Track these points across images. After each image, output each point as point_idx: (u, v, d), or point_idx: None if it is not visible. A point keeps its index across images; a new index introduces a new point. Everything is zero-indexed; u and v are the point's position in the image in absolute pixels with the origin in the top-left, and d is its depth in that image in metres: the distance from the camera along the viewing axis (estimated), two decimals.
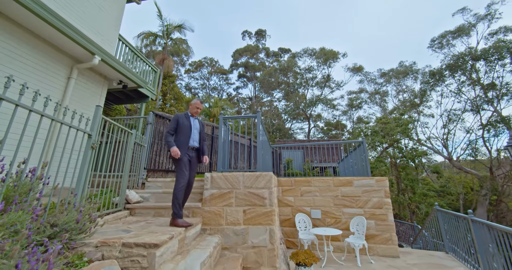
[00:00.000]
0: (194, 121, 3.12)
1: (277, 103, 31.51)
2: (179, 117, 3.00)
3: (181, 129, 2.95)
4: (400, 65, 19.99)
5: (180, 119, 2.99)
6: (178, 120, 2.97)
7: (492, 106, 13.76)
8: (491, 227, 3.27)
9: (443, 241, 5.38)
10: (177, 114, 3.03)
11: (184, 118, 3.02)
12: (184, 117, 3.03)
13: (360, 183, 5.35)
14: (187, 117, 3.06)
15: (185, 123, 2.98)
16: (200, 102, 3.15)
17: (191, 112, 3.12)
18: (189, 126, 3.00)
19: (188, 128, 2.98)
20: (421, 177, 15.37)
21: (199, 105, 3.14)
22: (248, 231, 3.10)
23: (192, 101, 3.13)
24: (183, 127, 2.96)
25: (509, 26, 14.23)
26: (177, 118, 2.99)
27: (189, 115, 3.11)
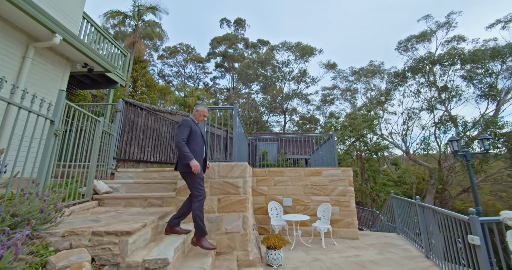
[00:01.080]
0: (201, 128, 2.94)
1: (255, 95, 31.54)
2: (190, 123, 2.68)
3: (194, 138, 2.66)
4: (370, 65, 21.33)
5: (193, 126, 2.68)
6: (191, 127, 2.65)
7: (444, 106, 15.62)
8: (434, 210, 3.84)
9: (396, 224, 6.14)
10: (187, 120, 2.71)
11: (194, 125, 2.72)
12: (194, 124, 2.73)
13: (328, 173, 5.78)
14: (196, 124, 2.78)
15: (197, 130, 2.71)
16: (207, 110, 2.94)
17: (196, 119, 2.85)
18: (201, 135, 2.77)
19: (200, 136, 2.74)
20: (382, 168, 17.03)
21: (206, 113, 2.91)
22: (222, 218, 3.22)
23: (199, 108, 2.86)
24: (196, 136, 2.68)
25: (461, 35, 16.05)
26: (190, 124, 2.66)
27: (196, 122, 2.84)
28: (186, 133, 2.59)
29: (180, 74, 32.00)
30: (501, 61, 14.04)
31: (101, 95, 7.94)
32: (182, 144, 2.52)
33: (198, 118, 2.86)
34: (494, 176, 14.22)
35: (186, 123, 2.65)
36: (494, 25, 15.95)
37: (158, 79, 30.00)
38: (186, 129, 2.61)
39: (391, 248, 4.57)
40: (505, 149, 12.54)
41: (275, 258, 3.58)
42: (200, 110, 2.86)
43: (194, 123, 2.77)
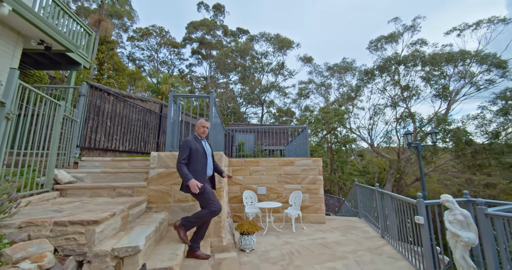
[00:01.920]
0: (206, 144, 2.86)
1: (233, 86, 31.02)
2: (190, 142, 2.64)
3: (196, 157, 2.62)
4: (343, 62, 22.27)
5: (192, 145, 2.64)
6: (190, 147, 2.62)
7: (405, 103, 17.18)
8: (390, 196, 4.30)
9: (358, 209, 6.76)
10: (187, 140, 2.67)
11: (195, 143, 2.69)
12: (195, 142, 2.70)
13: (300, 163, 6.09)
14: (198, 141, 2.75)
15: (198, 148, 2.67)
16: (205, 120, 2.87)
17: (198, 134, 2.82)
18: (204, 152, 2.71)
19: (203, 154, 2.69)
20: (349, 159, 18.35)
21: (205, 124, 2.84)
22: (196, 206, 3.25)
23: (197, 123, 2.83)
24: (197, 154, 2.64)
25: (424, 39, 17.54)
26: (189, 144, 2.62)
27: (199, 138, 2.80)
28: (185, 154, 2.58)
29: (152, 59, 29.95)
30: (453, 65, 15.73)
31: (61, 77, 7.13)
32: (180, 166, 2.53)
33: (199, 132, 2.82)
34: (441, 166, 16.28)
35: (185, 144, 2.63)
36: (451, 32, 17.67)
37: (127, 62, 27.77)
38: (184, 150, 2.60)
39: (353, 230, 5.07)
40: (452, 144, 14.37)
41: (248, 243, 3.75)
42: (198, 124, 2.82)
43: (196, 141, 2.75)
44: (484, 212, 2.27)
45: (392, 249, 3.88)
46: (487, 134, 13.97)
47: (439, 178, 17.94)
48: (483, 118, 14.38)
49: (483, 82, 15.25)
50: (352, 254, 3.62)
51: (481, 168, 13.98)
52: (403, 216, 3.62)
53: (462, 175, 16.30)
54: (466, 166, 14.53)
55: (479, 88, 15.36)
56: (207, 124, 2.87)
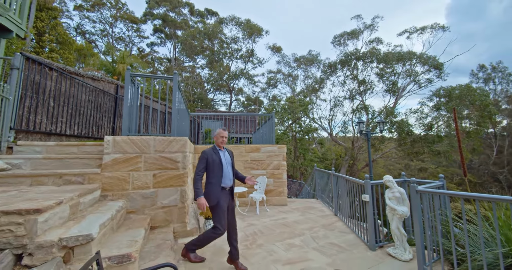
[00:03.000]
0: (224, 154, 2.77)
1: (200, 70, 29.56)
2: (207, 154, 2.62)
3: (212, 169, 2.59)
4: (309, 54, 23.02)
5: (209, 157, 2.61)
6: (207, 158, 2.60)
7: (361, 97, 18.88)
8: (343, 178, 4.79)
9: (316, 192, 7.39)
10: (205, 151, 2.65)
11: (213, 154, 2.65)
12: (212, 153, 2.66)
13: (266, 149, 6.28)
14: (216, 152, 2.70)
15: (215, 159, 2.62)
16: (223, 130, 2.78)
17: (217, 144, 2.77)
18: (220, 163, 2.64)
19: (219, 165, 2.62)
20: (311, 147, 19.66)
21: (223, 133, 2.77)
22: (158, 193, 3.14)
23: (215, 133, 2.78)
24: (214, 166, 2.60)
25: (380, 38, 19.15)
26: (206, 156, 2.61)
27: (217, 148, 2.75)
28: (201, 166, 2.58)
29: (106, 33, 26.35)
30: (402, 64, 17.68)
31: None
32: (195, 179, 2.54)
33: (218, 142, 2.78)
34: (387, 153, 18.68)
35: (202, 156, 2.63)
36: (402, 33, 19.61)
37: (75, 36, 23.91)
38: (201, 161, 2.61)
39: (311, 210, 5.55)
40: (396, 134, 16.50)
41: None
42: (217, 134, 2.78)
43: (214, 151, 2.70)
44: (415, 189, 2.72)
45: (343, 225, 4.39)
46: (424, 126, 16.40)
47: (385, 163, 20.60)
48: (421, 112, 16.78)
49: (424, 80, 17.59)
50: (309, 231, 3.99)
51: (417, 155, 16.48)
52: (353, 196, 4.10)
53: (402, 161, 19.02)
54: (406, 153, 16.95)
55: (421, 86, 17.70)
56: (225, 133, 2.80)
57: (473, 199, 2.28)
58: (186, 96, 25.42)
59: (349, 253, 3.10)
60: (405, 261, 2.86)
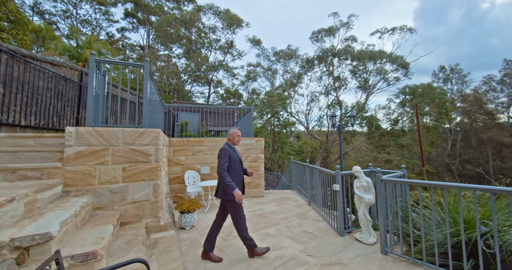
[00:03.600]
0: (238, 153, 2.93)
1: (177, 60, 28.20)
2: (228, 151, 2.72)
3: (233, 166, 2.72)
4: (288, 48, 23.20)
5: (231, 154, 2.73)
6: (230, 155, 2.70)
7: (336, 92, 19.67)
8: (317, 170, 5.01)
9: (292, 183, 7.64)
10: (225, 149, 2.74)
11: (232, 151, 2.77)
12: (231, 150, 2.78)
13: (245, 142, 6.29)
14: (234, 150, 2.83)
15: (235, 157, 2.78)
16: (238, 129, 2.94)
17: (233, 143, 2.91)
18: (239, 161, 2.83)
19: (238, 162, 2.80)
20: (288, 140, 20.17)
21: (239, 133, 2.94)
22: (128, 188, 2.98)
23: (230, 132, 2.93)
24: (235, 163, 2.74)
25: (354, 36, 19.97)
26: (228, 153, 2.71)
27: (233, 146, 2.88)
28: (226, 163, 2.64)
29: (69, 15, 23.65)
30: (373, 63, 18.70)
31: None
32: (224, 174, 2.58)
33: (234, 141, 2.91)
34: (357, 146, 19.92)
35: (224, 152, 2.69)
36: (374, 33, 20.61)
37: (31, 15, 21.06)
38: (225, 158, 2.66)
39: (287, 200, 5.74)
40: (366, 128, 17.61)
41: (188, 221, 3.76)
42: (233, 133, 2.91)
43: (232, 149, 2.80)
44: (380, 179, 2.94)
45: (315, 214, 4.62)
46: (391, 121, 17.72)
47: (355, 156, 21.97)
48: (389, 108, 18.09)
49: (392, 79, 18.84)
50: (284, 220, 4.14)
51: (384, 148, 17.82)
52: (325, 186, 4.31)
53: (371, 153, 20.43)
54: (374, 146, 18.23)
55: (389, 83, 18.95)
56: (240, 133, 2.98)
57: (428, 186, 2.54)
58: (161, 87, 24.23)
59: (320, 240, 3.29)
60: (370, 244, 3.11)
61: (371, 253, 2.84)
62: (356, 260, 2.67)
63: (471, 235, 2.27)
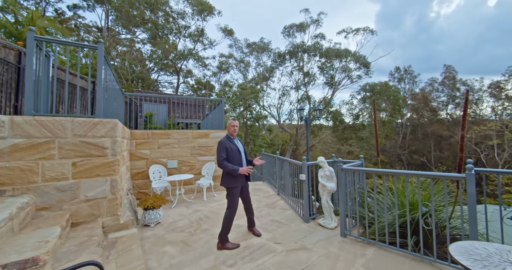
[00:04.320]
0: (238, 142, 3.02)
1: (141, 46, 25.89)
2: (224, 143, 2.84)
3: (232, 156, 2.82)
4: (261, 41, 23.10)
5: (228, 145, 2.84)
6: (226, 147, 2.82)
7: (305, 87, 20.40)
8: (286, 161, 5.17)
9: (263, 175, 7.79)
10: (222, 141, 2.86)
11: (229, 143, 2.88)
12: (228, 142, 2.89)
13: (215, 135, 6.14)
14: (231, 141, 2.93)
15: (233, 148, 2.87)
16: (233, 119, 3.03)
17: (230, 134, 2.99)
18: (238, 151, 2.91)
19: (238, 153, 2.89)
20: (260, 134, 20.43)
21: (234, 123, 3.01)
22: (80, 185, 2.68)
23: (227, 123, 3.02)
24: (233, 153, 2.84)
25: (323, 34, 20.72)
26: (225, 145, 2.83)
27: (231, 137, 2.98)
28: (223, 154, 2.78)
29: None
30: (339, 60, 19.77)
31: None
32: (223, 163, 2.74)
33: (230, 131, 2.98)
34: (324, 139, 21.17)
35: (220, 146, 2.82)
36: (341, 32, 21.68)
37: None
38: (221, 150, 2.78)
39: (257, 191, 5.84)
40: (331, 122, 18.77)
41: (152, 218, 3.56)
42: (228, 124, 3.00)
43: (229, 140, 2.92)
44: (341, 168, 3.15)
45: (284, 203, 4.80)
46: (353, 116, 19.15)
47: (321, 148, 23.34)
48: (351, 104, 19.50)
49: (355, 76, 20.20)
50: (254, 211, 4.19)
51: (346, 140, 19.26)
52: (293, 176, 4.48)
53: (335, 145, 21.91)
54: (338, 139, 19.56)
55: (352, 81, 20.30)
56: (236, 123, 3.02)
57: (381, 174, 2.81)
58: (122, 74, 22.14)
59: (287, 227, 3.43)
60: (332, 228, 3.36)
61: (332, 237, 3.06)
62: (319, 244, 2.86)
63: (414, 215, 2.59)
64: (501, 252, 1.22)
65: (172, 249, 2.76)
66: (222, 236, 2.78)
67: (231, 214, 2.83)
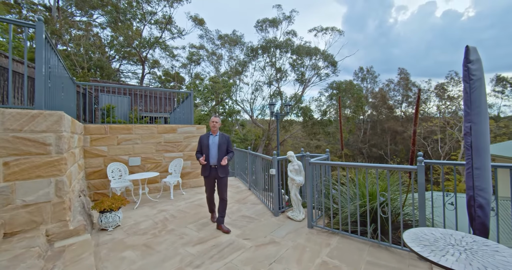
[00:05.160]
0: (214, 138, 3.29)
1: (99, 30, 23.24)
2: (201, 138, 3.32)
3: (203, 150, 3.24)
4: (234, 34, 22.59)
5: (201, 140, 3.30)
6: (201, 142, 3.30)
7: (277, 83, 20.73)
8: (257, 156, 5.15)
9: (235, 170, 7.72)
10: (201, 136, 3.33)
11: (204, 139, 3.28)
12: (204, 137, 3.30)
13: (183, 130, 5.83)
14: (207, 137, 3.30)
15: (205, 143, 3.24)
16: (214, 116, 3.29)
17: (212, 132, 3.30)
18: (207, 146, 3.23)
19: (206, 147, 3.23)
20: (234, 129, 20.22)
21: (214, 119, 3.27)
22: (15, 188, 2.27)
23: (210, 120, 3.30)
24: (204, 148, 3.24)
25: (295, 31, 21.12)
26: (200, 139, 3.32)
27: (210, 133, 3.32)
28: (198, 147, 3.34)
29: None
30: (309, 58, 20.44)
31: None
32: (196, 155, 3.34)
33: (212, 128, 3.29)
34: (294, 134, 21.90)
35: (199, 140, 3.34)
36: (312, 30, 22.34)
37: None
38: (198, 145, 3.36)
39: (229, 187, 5.65)
40: (302, 117, 19.47)
41: (110, 221, 3.24)
42: (210, 121, 3.29)
43: (206, 136, 3.30)
44: (308, 162, 3.24)
45: (255, 198, 4.81)
46: (321, 112, 20.12)
47: (292, 142, 24.15)
48: (320, 100, 20.42)
49: (323, 74, 21.14)
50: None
51: (315, 135, 20.23)
52: (265, 171, 4.50)
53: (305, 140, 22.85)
54: (307, 133, 20.42)
55: (321, 78, 21.22)
56: (215, 119, 3.28)
57: (345, 167, 2.96)
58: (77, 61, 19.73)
59: (257, 222, 3.43)
60: (299, 221, 3.46)
61: (300, 229, 3.16)
62: (287, 236, 2.92)
63: (373, 205, 2.80)
64: (445, 236, 1.35)
65: (133, 254, 2.54)
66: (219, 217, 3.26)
67: (208, 198, 3.46)
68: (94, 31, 23.66)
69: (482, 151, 1.80)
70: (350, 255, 2.42)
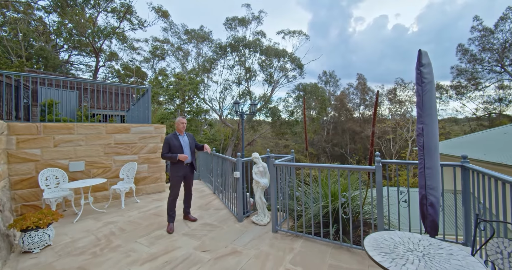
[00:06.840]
0: (184, 138, 3.35)
1: (44, 14, 20.10)
2: (169, 139, 3.23)
3: (174, 151, 3.19)
4: (201, 30, 21.76)
5: (171, 141, 3.22)
6: (169, 142, 3.21)
7: (247, 83, 20.62)
8: (222, 157, 4.88)
9: (200, 172, 7.29)
10: (166, 137, 3.24)
11: (173, 139, 3.25)
12: (173, 138, 3.26)
13: (138, 129, 5.24)
14: (176, 137, 3.28)
15: (176, 144, 3.23)
16: (182, 117, 3.37)
17: (178, 131, 3.35)
18: (180, 146, 3.24)
19: (180, 148, 3.23)
20: (202, 128, 19.44)
21: (183, 120, 3.35)
22: None
23: (176, 120, 3.35)
24: (176, 149, 3.20)
25: (264, 32, 21.28)
26: (168, 141, 3.22)
27: (178, 134, 3.33)
28: (165, 150, 3.22)
29: None
30: (278, 60, 20.83)
31: None
32: (164, 155, 3.22)
33: (179, 128, 3.34)
34: (264, 134, 22.08)
35: (165, 141, 3.24)
36: (280, 32, 22.80)
37: None
38: (164, 146, 3.23)
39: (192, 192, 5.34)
40: (270, 118, 19.72)
41: (36, 241, 2.64)
42: (177, 122, 3.35)
43: (174, 137, 3.27)
44: (273, 163, 3.12)
45: (219, 202, 4.54)
46: (288, 112, 20.66)
47: (262, 142, 24.34)
48: (287, 101, 20.99)
49: (291, 76, 21.74)
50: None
51: (283, 135, 20.68)
52: (230, 173, 4.26)
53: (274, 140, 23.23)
54: (276, 133, 20.78)
55: (289, 80, 21.79)
56: (183, 120, 3.33)
57: (309, 167, 2.91)
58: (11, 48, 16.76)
59: (219, 230, 3.18)
60: (264, 225, 3.32)
61: (264, 234, 3.01)
62: (250, 244, 2.74)
63: (335, 205, 2.80)
64: (403, 241, 1.32)
65: None
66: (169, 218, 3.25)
67: (173, 201, 3.25)
68: (37, 15, 20.41)
69: (433, 151, 1.87)
70: (313, 259, 2.36)
